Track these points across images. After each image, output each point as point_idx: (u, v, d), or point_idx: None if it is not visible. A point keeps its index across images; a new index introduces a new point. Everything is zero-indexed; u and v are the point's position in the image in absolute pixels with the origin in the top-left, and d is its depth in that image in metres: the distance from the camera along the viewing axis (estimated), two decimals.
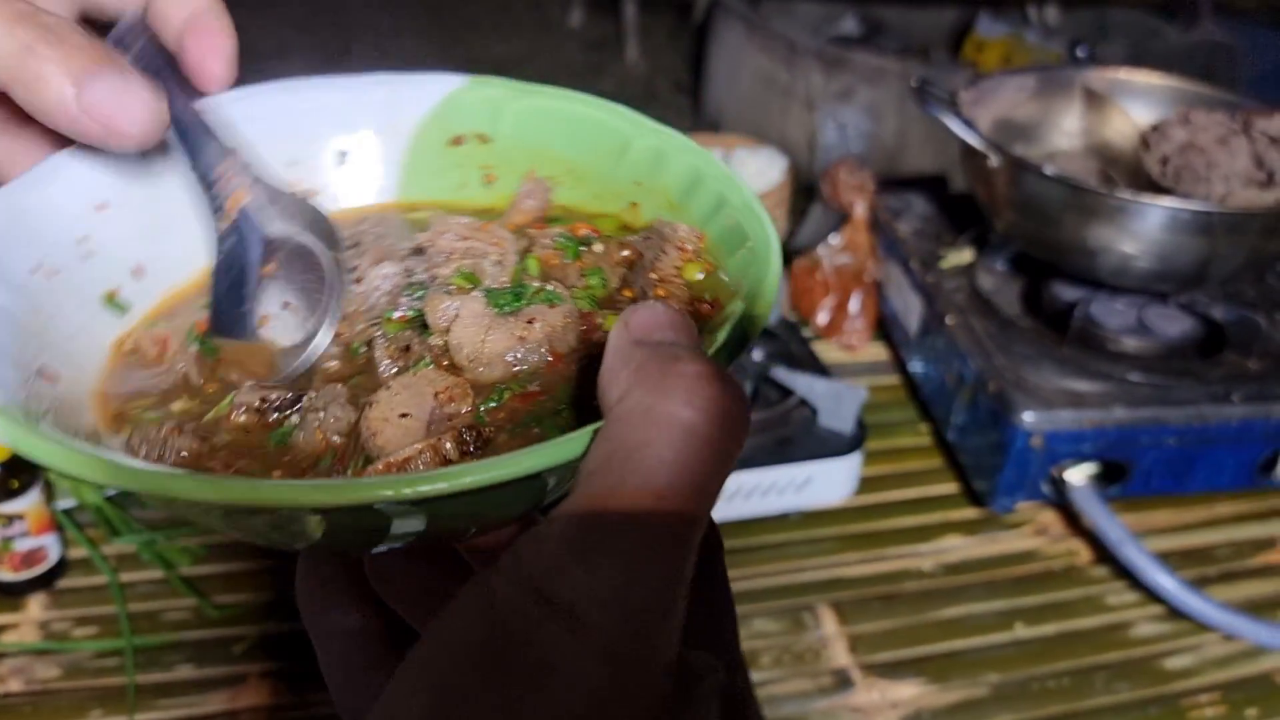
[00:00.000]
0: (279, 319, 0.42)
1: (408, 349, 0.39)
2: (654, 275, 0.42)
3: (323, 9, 3.94)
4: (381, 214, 0.47)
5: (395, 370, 0.38)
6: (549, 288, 0.40)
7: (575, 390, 0.37)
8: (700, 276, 0.42)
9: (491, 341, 0.38)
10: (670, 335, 0.29)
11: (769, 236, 0.41)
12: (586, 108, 0.49)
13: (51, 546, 0.84)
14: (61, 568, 0.85)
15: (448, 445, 0.33)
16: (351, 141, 0.48)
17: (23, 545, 0.81)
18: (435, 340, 0.38)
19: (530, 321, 0.39)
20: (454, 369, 0.38)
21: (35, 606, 0.83)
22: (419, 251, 0.43)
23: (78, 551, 0.87)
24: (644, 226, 0.45)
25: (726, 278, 0.42)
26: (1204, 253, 0.89)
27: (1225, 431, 0.90)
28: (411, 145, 0.48)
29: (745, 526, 0.94)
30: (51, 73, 0.36)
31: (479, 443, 0.34)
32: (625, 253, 0.44)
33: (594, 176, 0.48)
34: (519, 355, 0.38)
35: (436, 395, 0.36)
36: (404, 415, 0.35)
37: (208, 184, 0.42)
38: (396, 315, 0.41)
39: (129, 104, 0.37)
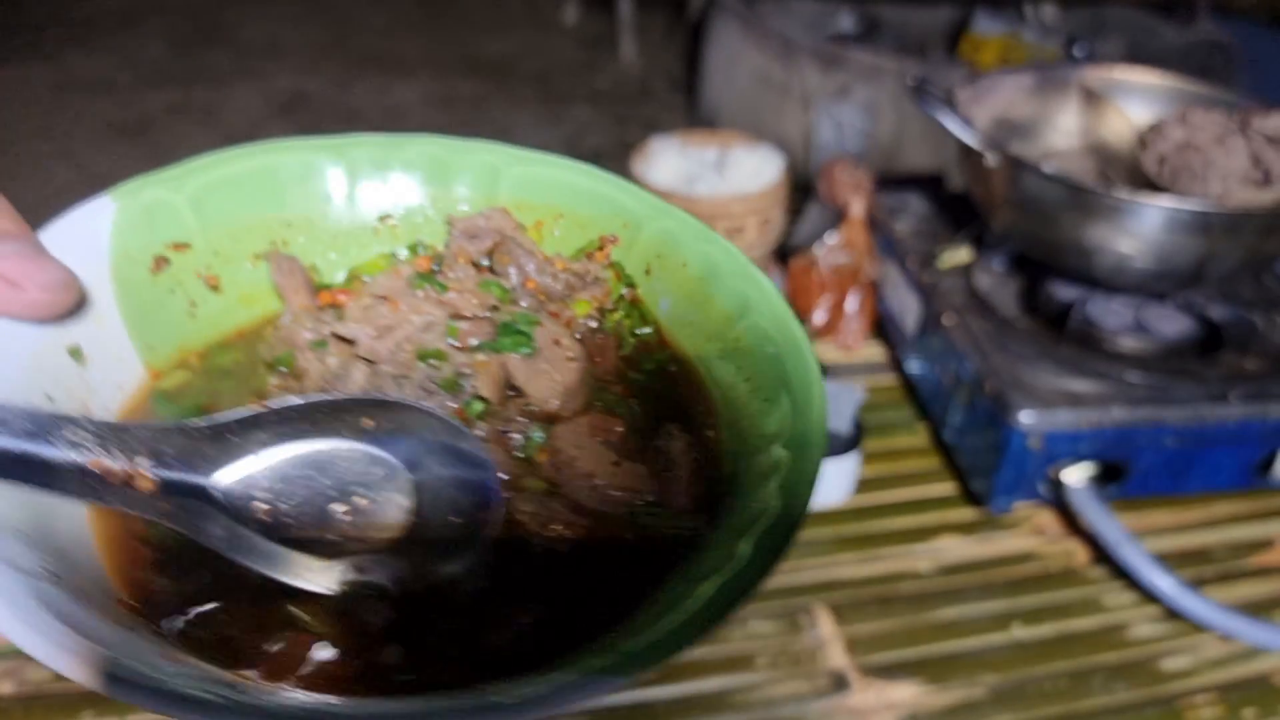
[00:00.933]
0: (363, 508, 0.37)
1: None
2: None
3: (317, 6, 3.93)
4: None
5: None
6: (525, 311, 0.42)
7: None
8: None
9: (561, 374, 0.41)
10: None
11: (802, 350, 0.39)
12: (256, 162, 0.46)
13: None
14: None
15: None
16: (76, 333, 0.40)
17: None
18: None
19: (557, 343, 0.41)
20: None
21: None
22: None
23: None
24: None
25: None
26: (1201, 252, 0.89)
27: (1223, 432, 0.89)
28: (118, 294, 0.40)
29: None
30: None
31: None
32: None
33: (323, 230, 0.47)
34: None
35: None
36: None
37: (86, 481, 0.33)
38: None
39: (42, 269, 0.35)
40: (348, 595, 0.35)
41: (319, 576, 0.35)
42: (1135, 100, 1.08)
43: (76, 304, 0.38)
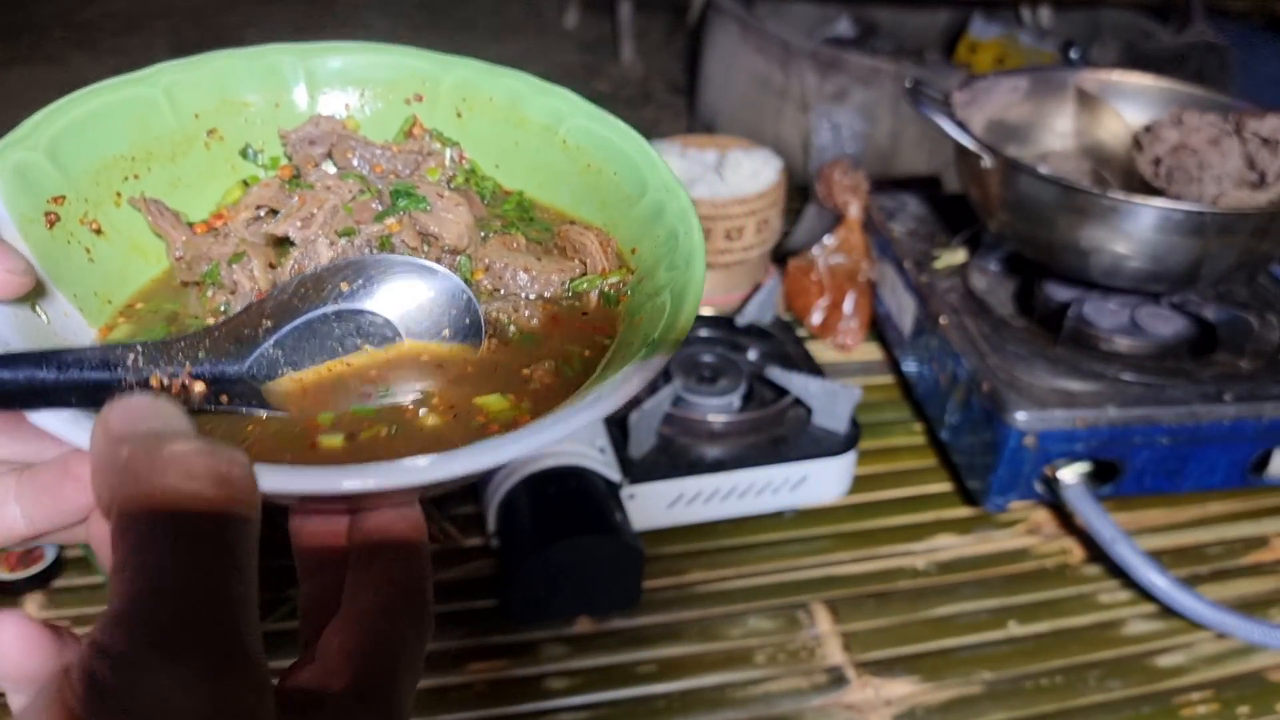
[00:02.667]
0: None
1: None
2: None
3: (318, 8, 3.94)
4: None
5: None
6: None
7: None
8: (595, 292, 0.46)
9: (457, 216, 0.47)
10: (157, 424, 0.29)
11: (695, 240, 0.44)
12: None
13: (48, 546, 0.84)
14: (58, 567, 0.85)
15: None
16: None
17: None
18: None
19: (440, 195, 0.47)
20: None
21: (32, 606, 0.83)
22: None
23: (74, 551, 0.87)
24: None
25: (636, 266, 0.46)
26: (1196, 253, 0.90)
27: (1217, 431, 0.90)
28: (35, 255, 0.42)
29: (740, 525, 0.94)
30: None
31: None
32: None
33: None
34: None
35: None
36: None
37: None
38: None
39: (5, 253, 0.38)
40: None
41: None
42: (1130, 102, 1.09)
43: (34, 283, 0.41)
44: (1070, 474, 0.90)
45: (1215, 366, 0.93)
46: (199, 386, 0.39)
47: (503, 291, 0.46)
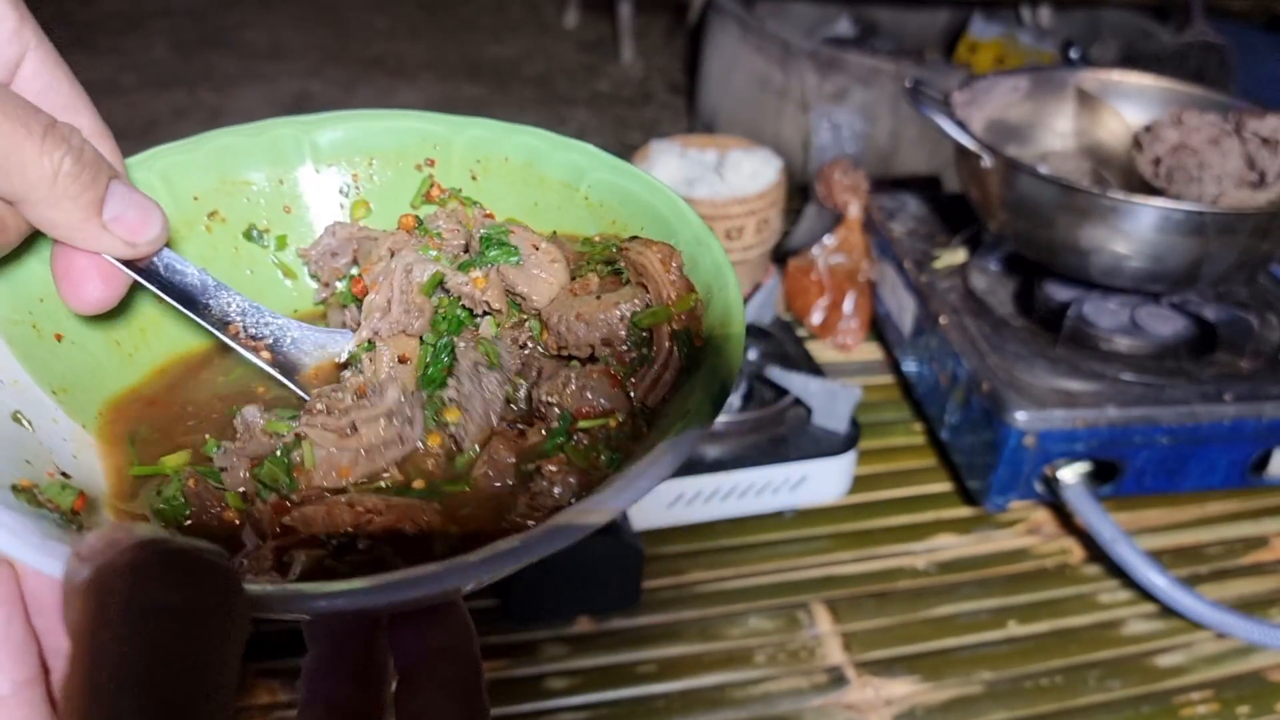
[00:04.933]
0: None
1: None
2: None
3: (320, 9, 3.94)
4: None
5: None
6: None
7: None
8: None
9: (550, 274, 0.45)
10: (123, 536, 0.28)
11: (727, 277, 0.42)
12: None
13: None
14: None
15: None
16: (7, 399, 0.42)
17: None
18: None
19: (536, 247, 0.45)
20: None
21: None
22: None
23: None
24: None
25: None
26: (1196, 253, 0.90)
27: (1217, 431, 0.90)
28: (15, 354, 0.42)
29: (740, 525, 0.94)
30: (80, 194, 0.37)
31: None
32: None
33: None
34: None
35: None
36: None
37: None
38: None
39: (147, 217, 0.39)
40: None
41: None
42: (1130, 102, 1.09)
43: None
44: (1070, 474, 0.90)
45: (1215, 366, 0.93)
46: (266, 354, 0.43)
47: (566, 348, 0.43)
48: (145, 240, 0.40)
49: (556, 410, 0.40)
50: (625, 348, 0.41)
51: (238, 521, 0.39)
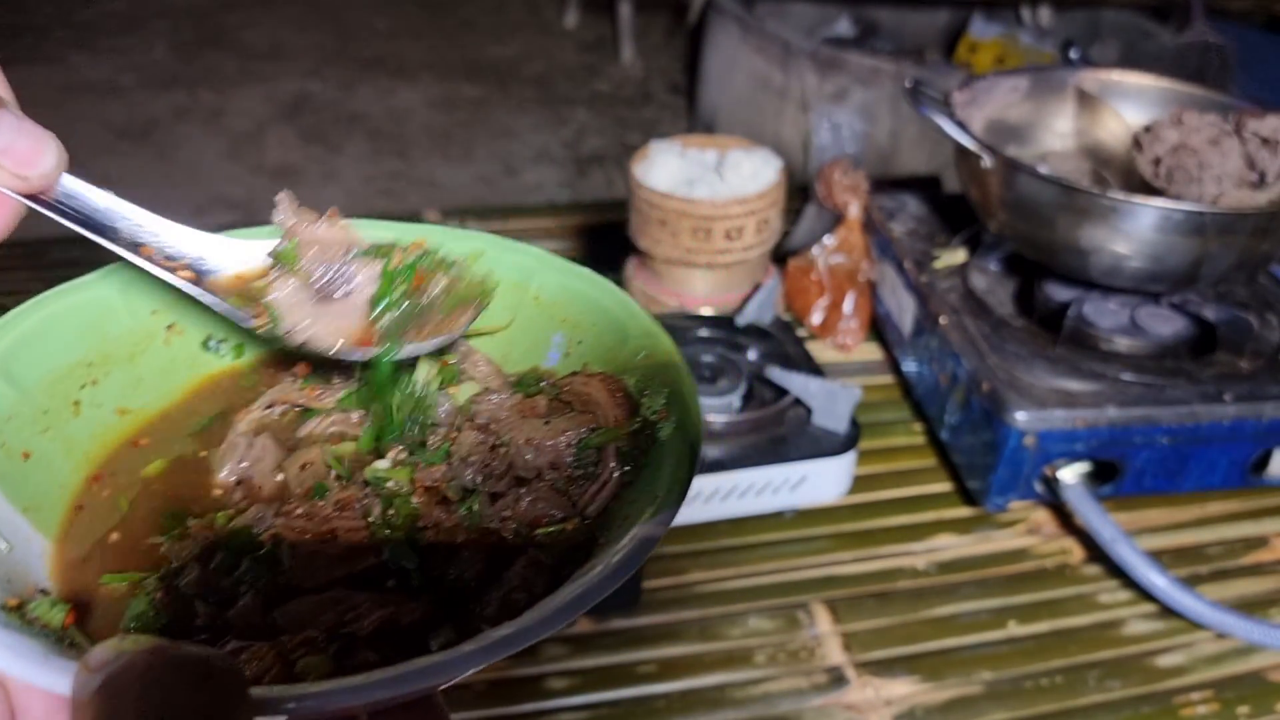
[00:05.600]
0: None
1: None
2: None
3: (320, 10, 3.93)
4: None
5: None
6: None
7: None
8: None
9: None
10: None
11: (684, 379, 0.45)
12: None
13: None
14: None
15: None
16: None
17: None
18: None
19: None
20: None
21: None
22: None
23: None
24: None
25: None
26: (1196, 253, 0.90)
27: (1217, 431, 0.90)
28: None
29: (740, 525, 0.94)
30: None
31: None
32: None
33: None
34: None
35: None
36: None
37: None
38: None
39: (38, 146, 0.38)
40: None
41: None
42: (1130, 102, 1.09)
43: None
44: (1070, 474, 0.90)
45: (1215, 366, 0.93)
46: (186, 273, 0.43)
47: (514, 468, 0.45)
48: (38, 172, 0.39)
49: (513, 525, 0.43)
50: (571, 468, 0.44)
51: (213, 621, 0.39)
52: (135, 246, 0.43)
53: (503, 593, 0.39)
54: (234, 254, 0.45)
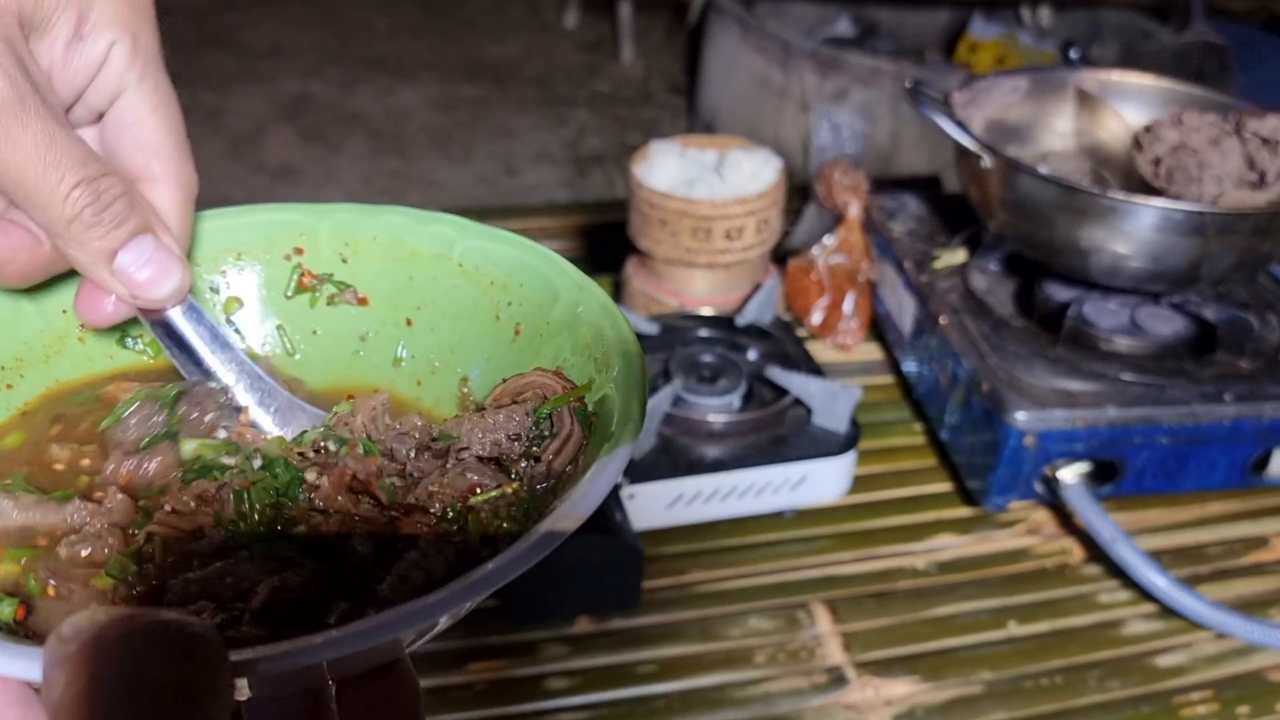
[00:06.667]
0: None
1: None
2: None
3: (319, 10, 3.93)
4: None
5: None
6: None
7: None
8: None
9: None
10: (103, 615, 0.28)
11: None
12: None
13: None
14: None
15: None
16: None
17: None
18: None
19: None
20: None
21: None
22: None
23: None
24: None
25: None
26: (1196, 253, 0.90)
27: (1217, 431, 0.90)
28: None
29: (739, 525, 0.94)
30: (92, 240, 0.40)
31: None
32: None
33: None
34: None
35: None
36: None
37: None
38: None
39: (158, 276, 0.41)
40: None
41: None
42: (1130, 102, 1.09)
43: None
44: (1070, 474, 0.90)
45: (1215, 366, 0.93)
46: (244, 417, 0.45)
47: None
48: (149, 296, 0.42)
49: (439, 502, 0.41)
50: (529, 436, 0.43)
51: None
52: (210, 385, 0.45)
53: (403, 568, 0.37)
54: (297, 423, 0.46)
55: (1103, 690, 0.82)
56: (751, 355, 1.04)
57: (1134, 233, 0.89)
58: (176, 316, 0.44)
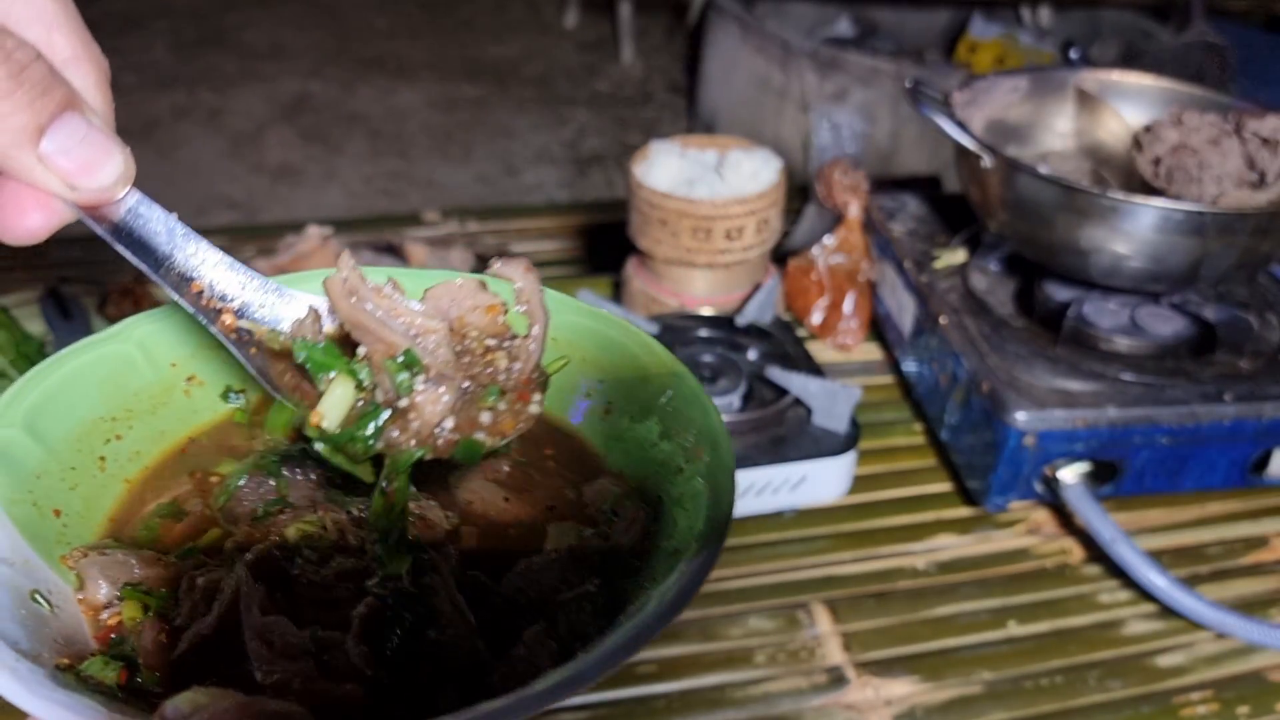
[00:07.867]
0: None
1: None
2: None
3: (320, 10, 3.93)
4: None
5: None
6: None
7: None
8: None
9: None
10: None
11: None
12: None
13: None
14: None
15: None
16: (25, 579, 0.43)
17: None
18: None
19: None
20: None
21: None
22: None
23: None
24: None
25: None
26: (1196, 253, 0.90)
27: (1217, 431, 0.90)
28: (25, 536, 0.42)
29: (739, 525, 0.94)
30: (9, 115, 0.32)
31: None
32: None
33: None
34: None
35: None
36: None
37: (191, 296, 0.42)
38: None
39: (98, 158, 0.35)
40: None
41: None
42: (1130, 102, 1.09)
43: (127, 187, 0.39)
44: (1070, 474, 0.90)
45: (1215, 366, 0.93)
46: (229, 318, 0.42)
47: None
48: (91, 185, 0.35)
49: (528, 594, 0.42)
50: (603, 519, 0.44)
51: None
52: (185, 281, 0.41)
53: (511, 664, 0.38)
54: (294, 306, 0.43)
55: (1103, 690, 0.82)
56: (751, 355, 1.04)
57: (1134, 233, 0.89)
58: (125, 212, 0.39)
